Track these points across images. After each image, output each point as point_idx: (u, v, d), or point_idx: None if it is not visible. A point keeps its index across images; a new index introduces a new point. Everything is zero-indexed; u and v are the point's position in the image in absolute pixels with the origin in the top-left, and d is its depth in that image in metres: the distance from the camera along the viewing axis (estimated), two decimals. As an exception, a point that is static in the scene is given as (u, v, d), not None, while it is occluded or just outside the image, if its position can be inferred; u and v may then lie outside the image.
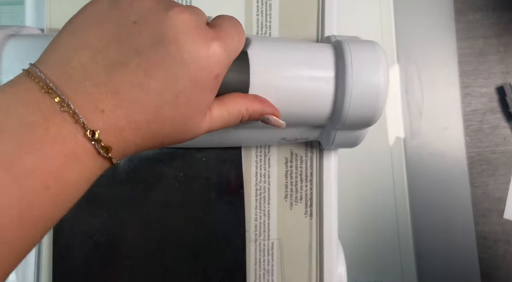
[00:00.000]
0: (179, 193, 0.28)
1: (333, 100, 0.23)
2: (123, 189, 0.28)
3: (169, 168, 0.28)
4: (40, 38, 0.23)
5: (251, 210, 0.29)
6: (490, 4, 0.41)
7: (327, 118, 0.24)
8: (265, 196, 0.29)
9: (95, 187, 0.27)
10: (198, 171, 0.28)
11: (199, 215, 0.28)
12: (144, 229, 0.28)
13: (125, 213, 0.27)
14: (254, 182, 0.29)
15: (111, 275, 0.27)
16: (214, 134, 0.26)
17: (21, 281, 0.27)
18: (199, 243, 0.28)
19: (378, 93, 0.23)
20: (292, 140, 0.27)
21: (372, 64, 0.23)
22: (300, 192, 0.29)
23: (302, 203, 0.29)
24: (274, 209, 0.29)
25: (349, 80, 0.22)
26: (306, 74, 0.23)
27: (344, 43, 0.23)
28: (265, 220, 0.29)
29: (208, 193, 0.28)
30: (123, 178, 0.28)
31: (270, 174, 0.29)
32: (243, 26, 0.28)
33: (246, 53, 0.22)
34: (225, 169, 0.28)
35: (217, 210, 0.28)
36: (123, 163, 0.28)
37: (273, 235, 0.29)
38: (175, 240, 0.28)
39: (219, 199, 0.28)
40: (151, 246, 0.28)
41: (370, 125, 0.25)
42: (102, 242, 0.27)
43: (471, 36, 0.41)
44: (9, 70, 0.22)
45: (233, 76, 0.21)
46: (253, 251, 0.29)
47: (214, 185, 0.28)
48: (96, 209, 0.27)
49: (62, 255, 0.27)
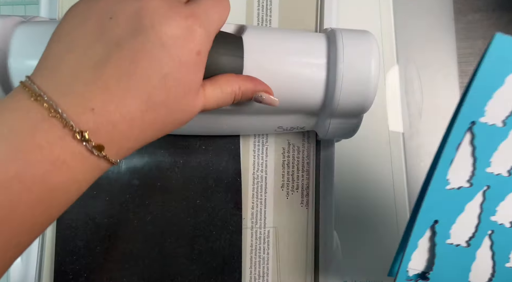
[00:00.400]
0: (178, 179, 0.29)
1: (325, 86, 0.24)
2: (124, 174, 0.28)
3: (169, 155, 0.29)
4: (49, 24, 0.24)
5: (248, 198, 0.29)
6: (490, 5, 0.42)
7: (320, 105, 0.25)
8: (262, 184, 0.29)
9: None
10: (197, 159, 0.29)
11: (197, 201, 0.29)
12: (143, 214, 0.28)
13: (126, 197, 0.28)
14: (252, 170, 0.30)
15: (111, 256, 0.28)
16: (212, 122, 0.27)
17: (25, 260, 0.28)
18: (196, 229, 0.29)
19: (369, 80, 0.23)
20: (288, 129, 0.28)
21: (363, 51, 0.23)
22: (297, 181, 0.30)
23: (299, 192, 0.30)
24: (271, 197, 0.30)
25: (340, 66, 0.23)
26: (298, 60, 0.24)
27: (337, 31, 0.24)
28: (261, 208, 0.29)
29: (206, 180, 0.29)
30: (124, 163, 0.29)
31: (267, 163, 0.30)
32: (244, 22, 0.29)
33: (241, 38, 0.23)
34: (223, 157, 0.29)
35: (214, 197, 0.29)
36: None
37: (269, 223, 0.29)
38: (173, 226, 0.28)
39: (217, 187, 0.29)
40: (150, 230, 0.28)
41: (362, 113, 0.25)
42: (102, 224, 0.28)
43: (470, 36, 0.41)
44: (19, 54, 0.23)
45: (227, 59, 0.22)
46: (249, 238, 0.29)
47: (213, 173, 0.29)
48: (97, 192, 0.28)
49: (64, 236, 0.28)
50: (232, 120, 0.27)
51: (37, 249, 0.28)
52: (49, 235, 0.28)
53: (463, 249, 0.21)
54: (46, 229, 0.21)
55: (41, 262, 0.28)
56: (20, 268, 0.28)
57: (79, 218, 0.28)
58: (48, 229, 0.28)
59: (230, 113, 0.26)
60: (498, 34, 0.18)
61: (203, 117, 0.26)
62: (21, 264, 0.28)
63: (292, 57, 0.23)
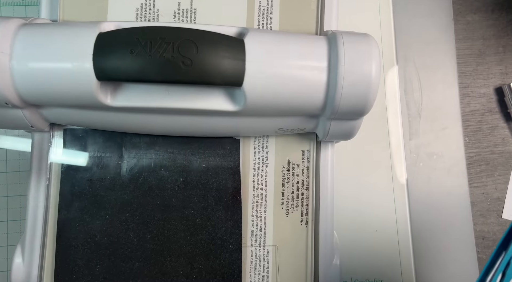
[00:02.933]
0: (178, 198, 0.29)
1: (326, 89, 0.24)
2: (124, 192, 0.29)
3: (170, 173, 0.29)
4: (52, 26, 0.24)
5: (247, 216, 0.29)
6: (489, 6, 0.42)
7: (321, 107, 0.25)
8: (262, 203, 0.30)
9: (97, 189, 0.28)
10: (198, 178, 0.29)
11: (197, 220, 0.29)
12: (144, 232, 0.28)
13: (126, 215, 0.28)
14: (252, 188, 0.30)
15: (111, 276, 0.28)
16: (213, 123, 0.27)
17: (25, 280, 0.28)
18: (196, 247, 0.29)
19: (370, 82, 0.23)
20: (289, 130, 0.28)
21: (364, 54, 0.24)
22: (296, 199, 0.30)
23: (298, 210, 0.30)
24: (271, 216, 0.30)
25: (341, 69, 0.23)
26: (300, 64, 0.24)
27: (338, 34, 0.24)
28: (261, 226, 0.30)
29: (206, 199, 0.29)
30: (125, 181, 0.29)
31: (267, 181, 0.30)
32: (245, 25, 0.29)
33: (242, 42, 0.23)
34: (223, 176, 0.29)
35: (214, 216, 0.29)
36: (125, 167, 0.29)
37: (269, 242, 0.30)
38: (173, 244, 0.29)
39: (217, 205, 0.29)
40: (150, 249, 0.28)
41: (363, 115, 0.25)
42: (102, 243, 0.28)
43: (470, 37, 0.41)
44: (22, 56, 0.23)
45: (229, 63, 0.22)
46: (249, 257, 0.29)
47: (213, 191, 0.29)
48: (97, 211, 0.28)
49: (64, 255, 0.28)
50: (233, 122, 0.27)
51: (37, 269, 0.28)
52: (48, 255, 0.28)
53: None
54: None
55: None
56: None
57: (78, 237, 0.28)
58: (48, 248, 0.28)
59: (232, 116, 0.26)
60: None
61: (204, 118, 0.26)
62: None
63: (293, 60, 0.24)
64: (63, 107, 0.26)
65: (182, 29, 0.23)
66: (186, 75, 0.22)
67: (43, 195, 0.29)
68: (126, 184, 0.29)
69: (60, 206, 0.29)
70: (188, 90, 0.25)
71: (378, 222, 0.40)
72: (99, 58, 0.23)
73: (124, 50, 0.22)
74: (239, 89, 0.24)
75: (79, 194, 0.29)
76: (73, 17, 0.29)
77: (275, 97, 0.24)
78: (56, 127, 0.29)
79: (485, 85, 0.41)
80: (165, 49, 0.22)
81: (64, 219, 0.28)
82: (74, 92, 0.24)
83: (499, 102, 0.41)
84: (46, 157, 0.29)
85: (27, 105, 0.25)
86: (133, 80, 0.23)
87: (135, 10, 0.29)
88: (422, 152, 0.41)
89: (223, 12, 0.29)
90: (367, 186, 0.40)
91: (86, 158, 0.29)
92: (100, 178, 0.29)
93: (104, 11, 0.29)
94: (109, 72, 0.23)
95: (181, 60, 0.22)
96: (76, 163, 0.29)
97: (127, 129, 0.29)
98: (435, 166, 0.41)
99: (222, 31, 0.24)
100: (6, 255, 0.34)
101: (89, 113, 0.26)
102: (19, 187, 0.35)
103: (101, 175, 0.29)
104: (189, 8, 0.29)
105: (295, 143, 0.30)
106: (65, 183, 0.29)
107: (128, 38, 0.23)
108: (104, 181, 0.29)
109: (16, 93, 0.24)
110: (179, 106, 0.25)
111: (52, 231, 0.29)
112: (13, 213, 0.35)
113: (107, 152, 0.29)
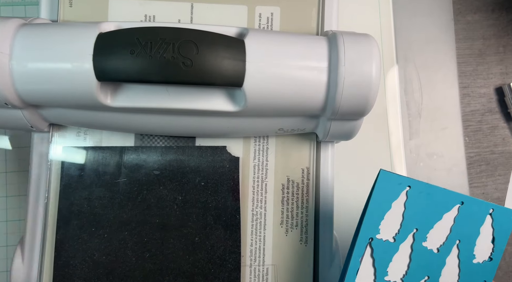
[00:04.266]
0: (177, 216, 0.29)
1: (326, 89, 0.24)
2: (123, 211, 0.28)
3: (168, 191, 0.29)
4: (51, 26, 0.24)
5: (247, 236, 0.29)
6: (489, 5, 0.42)
7: (321, 108, 0.25)
8: (261, 221, 0.30)
9: (95, 208, 0.28)
10: (196, 196, 0.29)
11: (195, 239, 0.29)
12: (142, 251, 0.28)
13: (124, 234, 0.28)
14: (251, 207, 0.30)
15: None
16: (214, 123, 0.27)
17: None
18: (195, 266, 0.29)
19: (370, 83, 0.23)
20: (289, 131, 0.28)
21: (364, 54, 0.23)
22: (296, 218, 0.30)
23: (298, 229, 0.30)
24: (270, 234, 0.30)
25: (342, 69, 0.23)
26: (300, 64, 0.24)
27: (338, 34, 0.24)
28: (260, 245, 0.30)
29: (205, 217, 0.29)
30: (123, 200, 0.28)
31: (266, 199, 0.30)
32: (246, 25, 0.28)
33: (243, 42, 0.23)
34: (222, 194, 0.29)
35: (213, 235, 0.29)
36: (124, 185, 0.29)
37: (268, 261, 0.30)
38: (172, 263, 0.28)
39: (215, 224, 0.29)
40: (148, 268, 0.28)
41: (363, 115, 0.25)
42: (101, 262, 0.28)
43: (470, 37, 0.41)
44: (21, 57, 0.23)
45: (229, 63, 0.22)
46: (248, 276, 0.29)
47: (212, 210, 0.29)
48: (95, 230, 0.28)
49: (63, 274, 0.28)
50: (233, 122, 0.27)
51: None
52: (46, 274, 0.28)
53: None
54: None
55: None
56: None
57: (77, 255, 0.28)
58: (46, 267, 0.28)
59: (232, 116, 0.26)
60: (382, 171, 0.25)
61: (204, 119, 0.26)
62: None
63: (293, 60, 0.23)
64: (62, 108, 0.26)
65: (182, 30, 0.23)
66: (186, 75, 0.22)
67: (43, 195, 0.29)
68: (124, 202, 0.28)
69: (58, 225, 0.28)
70: (188, 90, 0.24)
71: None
72: (99, 58, 0.22)
73: (124, 51, 0.22)
74: (240, 90, 0.24)
75: (77, 213, 0.28)
76: (73, 17, 0.29)
77: (275, 98, 0.24)
78: (56, 128, 0.29)
79: (485, 85, 0.41)
80: (166, 50, 0.22)
81: (62, 238, 0.28)
82: (74, 93, 0.24)
83: (499, 102, 0.41)
84: (46, 157, 0.29)
85: (26, 106, 0.25)
86: (133, 81, 0.23)
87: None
88: (422, 152, 0.41)
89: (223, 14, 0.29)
90: (367, 186, 0.40)
91: (84, 176, 0.29)
92: (99, 196, 0.28)
93: (104, 11, 0.29)
94: (109, 72, 0.23)
95: (182, 61, 0.22)
96: (74, 181, 0.29)
97: (127, 130, 0.29)
98: (435, 166, 0.41)
99: (222, 32, 0.24)
100: (5, 255, 0.34)
101: (88, 113, 0.26)
102: (18, 187, 0.35)
103: (100, 193, 0.28)
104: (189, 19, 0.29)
105: (295, 161, 0.30)
106: (64, 201, 0.28)
107: (128, 38, 0.23)
108: (103, 199, 0.28)
109: (16, 94, 0.24)
110: (179, 107, 0.25)
111: (52, 231, 0.28)
112: (13, 213, 0.35)
113: (106, 170, 0.29)
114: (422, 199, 0.25)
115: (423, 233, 0.25)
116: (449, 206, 0.25)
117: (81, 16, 0.29)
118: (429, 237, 0.25)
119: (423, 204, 0.25)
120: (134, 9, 0.29)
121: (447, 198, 0.25)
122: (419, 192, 0.25)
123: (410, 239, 0.25)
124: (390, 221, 0.25)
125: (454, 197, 0.25)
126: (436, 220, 0.25)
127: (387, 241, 0.25)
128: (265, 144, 0.30)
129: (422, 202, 0.25)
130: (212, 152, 0.29)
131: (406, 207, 0.25)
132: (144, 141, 0.29)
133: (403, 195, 0.25)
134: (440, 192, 0.25)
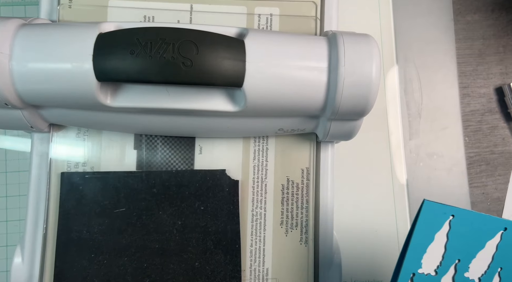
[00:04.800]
0: (177, 241, 0.28)
1: (326, 90, 0.24)
2: (122, 236, 0.28)
3: (168, 216, 0.29)
4: (51, 26, 0.24)
5: (246, 236, 0.29)
6: (489, 5, 0.42)
7: (321, 108, 0.25)
8: (261, 221, 0.30)
9: (94, 234, 0.28)
10: (196, 220, 0.29)
11: (195, 264, 0.28)
12: (142, 277, 0.28)
13: (124, 260, 0.28)
14: (251, 207, 0.30)
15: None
16: (214, 124, 0.27)
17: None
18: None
19: (370, 83, 0.23)
20: (289, 131, 0.28)
21: (364, 55, 0.23)
22: (296, 219, 0.30)
23: (298, 230, 0.30)
24: (270, 235, 0.30)
25: (342, 69, 0.23)
26: (300, 64, 0.24)
27: (338, 34, 0.24)
28: (260, 246, 0.30)
29: (205, 242, 0.29)
30: (123, 225, 0.28)
31: (266, 200, 0.30)
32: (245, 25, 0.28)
33: (243, 42, 0.23)
34: (222, 218, 0.29)
35: (213, 260, 0.29)
36: (123, 210, 0.28)
37: (268, 261, 0.30)
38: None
39: (215, 248, 0.29)
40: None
41: (363, 115, 0.25)
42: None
43: (470, 37, 0.41)
44: (22, 57, 0.23)
45: (229, 64, 0.22)
46: (248, 277, 0.29)
47: (212, 234, 0.29)
48: (95, 255, 0.28)
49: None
50: (233, 122, 0.27)
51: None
52: (47, 273, 0.28)
53: None
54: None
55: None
56: None
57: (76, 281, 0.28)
58: (47, 267, 0.28)
59: (232, 116, 0.26)
60: (426, 201, 0.24)
61: (204, 119, 0.26)
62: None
63: (293, 60, 0.23)
64: (62, 108, 0.26)
65: (182, 30, 0.23)
66: (186, 76, 0.22)
67: (43, 195, 0.29)
68: (124, 227, 0.28)
69: (58, 252, 0.28)
70: (188, 91, 0.25)
71: (378, 222, 0.40)
72: (99, 59, 0.22)
73: (124, 51, 0.22)
74: (239, 90, 0.24)
75: (76, 239, 0.28)
76: (72, 17, 0.29)
77: (275, 98, 0.24)
78: (56, 128, 0.29)
79: (485, 85, 0.41)
80: (165, 50, 0.22)
81: (62, 265, 0.28)
82: (74, 93, 0.24)
83: (499, 102, 0.41)
84: (46, 157, 0.29)
85: (26, 106, 0.25)
86: (133, 81, 0.23)
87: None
88: (422, 152, 0.41)
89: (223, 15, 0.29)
90: (367, 186, 0.40)
91: (83, 202, 0.29)
92: (98, 223, 0.28)
93: (104, 12, 0.29)
94: (109, 73, 0.23)
95: (181, 61, 0.22)
96: (73, 207, 0.28)
97: (126, 130, 0.29)
98: (435, 166, 0.41)
99: (222, 32, 0.24)
100: (5, 255, 0.34)
101: (88, 113, 0.26)
102: (18, 187, 0.35)
103: (99, 219, 0.28)
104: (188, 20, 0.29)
105: (295, 162, 0.30)
106: (62, 228, 0.28)
107: (128, 38, 0.23)
108: (102, 225, 0.28)
109: (16, 94, 0.24)
110: (179, 107, 0.25)
111: (52, 231, 0.29)
112: (12, 213, 0.35)
113: (105, 195, 0.28)
114: (465, 227, 0.24)
115: (465, 263, 0.24)
116: (492, 233, 0.24)
117: (80, 16, 0.29)
118: (471, 267, 0.24)
119: (466, 233, 0.24)
120: (133, 9, 0.29)
121: (490, 225, 0.24)
122: (462, 220, 0.24)
123: (452, 271, 0.24)
124: (432, 254, 0.24)
125: (498, 223, 0.24)
126: (479, 249, 0.24)
127: (429, 274, 0.24)
128: (264, 144, 0.30)
129: (465, 231, 0.24)
130: (211, 175, 0.29)
131: (449, 238, 0.24)
132: (144, 140, 0.29)
133: (446, 225, 0.24)
134: (483, 218, 0.24)
